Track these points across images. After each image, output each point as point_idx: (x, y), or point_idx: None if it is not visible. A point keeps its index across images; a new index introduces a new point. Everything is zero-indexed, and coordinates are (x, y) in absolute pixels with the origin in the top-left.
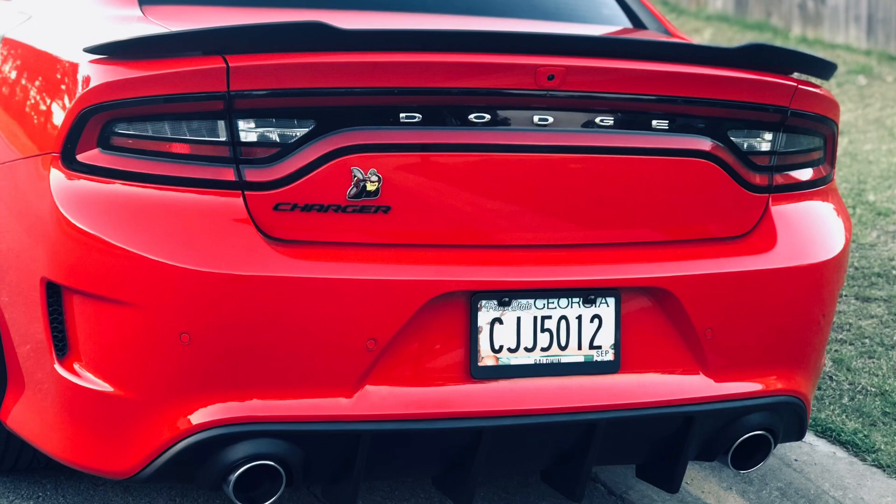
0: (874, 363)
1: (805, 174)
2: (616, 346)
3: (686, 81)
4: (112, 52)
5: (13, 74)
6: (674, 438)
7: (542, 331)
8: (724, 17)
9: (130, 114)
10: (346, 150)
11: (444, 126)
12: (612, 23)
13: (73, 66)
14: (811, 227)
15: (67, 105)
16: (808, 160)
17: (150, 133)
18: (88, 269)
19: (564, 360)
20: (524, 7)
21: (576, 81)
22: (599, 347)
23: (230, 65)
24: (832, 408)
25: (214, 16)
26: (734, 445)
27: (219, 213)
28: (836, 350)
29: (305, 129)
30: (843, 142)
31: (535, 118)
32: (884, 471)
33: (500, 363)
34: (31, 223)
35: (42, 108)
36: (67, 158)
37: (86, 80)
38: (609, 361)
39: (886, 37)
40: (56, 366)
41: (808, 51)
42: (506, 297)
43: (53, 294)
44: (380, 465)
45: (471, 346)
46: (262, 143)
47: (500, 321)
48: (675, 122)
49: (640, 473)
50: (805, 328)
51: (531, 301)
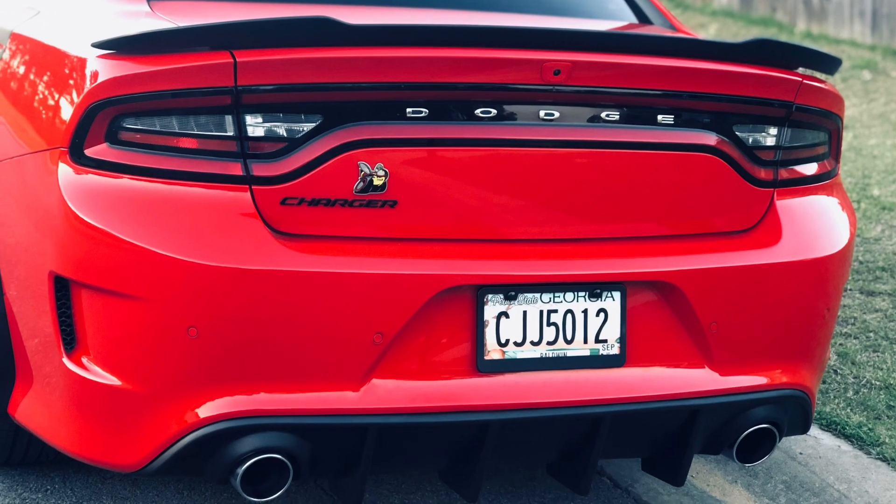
0: (879, 357)
1: (810, 169)
2: (622, 340)
3: (691, 76)
4: (120, 48)
5: (22, 69)
6: (679, 432)
7: (548, 324)
8: (729, 13)
9: (138, 109)
10: (353, 145)
11: (451, 121)
12: (618, 18)
13: (82, 62)
14: (816, 222)
15: (75, 100)
16: (813, 155)
17: (158, 128)
18: (96, 264)
19: (570, 354)
20: (530, 2)
21: (582, 76)
22: (605, 341)
23: (237, 60)
24: (837, 401)
25: (222, 11)
26: (739, 439)
27: (226, 208)
28: (841, 344)
29: (312, 124)
30: (848, 136)
31: (541, 113)
32: (888, 464)
33: (507, 357)
34: (40, 217)
35: (50, 103)
36: (75, 153)
37: (94, 75)
38: (615, 355)
39: (891, 32)
40: (64, 359)
41: (813, 46)
42: (512, 291)
43: (62, 288)
44: (386, 459)
45: (477, 340)
46: (270, 138)
47: (507, 315)
48: (681, 117)
49: (646, 467)
50: (810, 322)
51: (537, 295)
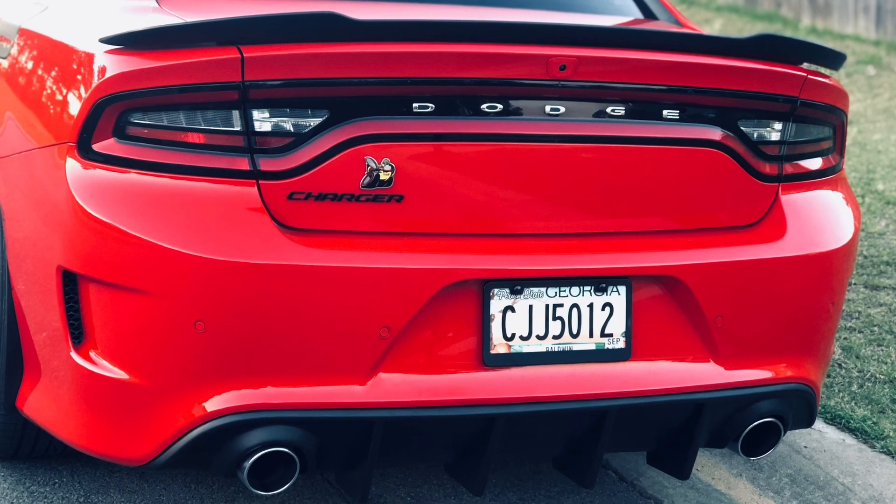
0: (883, 351)
1: (814, 163)
2: (627, 334)
3: (697, 71)
4: (128, 43)
5: (30, 65)
6: (685, 425)
7: (554, 319)
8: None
9: (146, 104)
10: (360, 140)
11: (457, 116)
12: (623, 13)
13: (89, 57)
14: (821, 216)
15: (83, 95)
16: (818, 150)
17: (166, 123)
18: (104, 258)
19: (576, 348)
20: None
21: (587, 71)
22: (611, 335)
23: (245, 55)
24: (841, 395)
25: (229, 6)
26: (744, 432)
27: (233, 202)
28: (846, 338)
29: (319, 119)
30: (853, 131)
31: (547, 108)
32: (892, 457)
33: (513, 351)
34: (48, 212)
35: (58, 98)
36: (83, 148)
37: (101, 71)
38: (620, 349)
39: (895, 27)
40: (72, 353)
41: (818, 41)
42: (518, 286)
43: (69, 282)
44: (393, 452)
45: (483, 334)
46: (277, 133)
47: (513, 309)
48: (686, 112)
49: (651, 460)
50: (814, 316)
51: (543, 289)
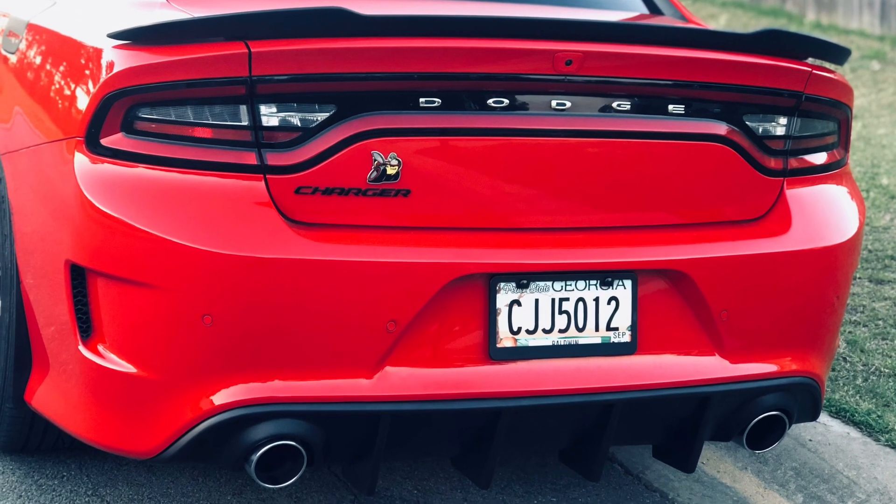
0: (888, 344)
1: (819, 158)
2: (633, 328)
3: (702, 67)
4: (136, 38)
5: (38, 60)
6: (690, 419)
7: (560, 313)
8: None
9: (154, 98)
10: (367, 135)
11: (463, 111)
12: (629, 8)
13: (98, 52)
14: (825, 211)
15: (91, 90)
16: (823, 144)
17: (173, 117)
18: (112, 252)
19: (582, 342)
20: None
21: (593, 67)
22: (616, 329)
23: (252, 50)
24: (846, 388)
25: (236, 2)
26: (749, 426)
27: (241, 197)
28: (850, 332)
29: (326, 114)
30: (857, 126)
31: (553, 103)
32: None
33: (519, 345)
34: (56, 206)
35: (66, 93)
36: (91, 142)
37: (110, 66)
38: (626, 343)
39: None
40: (80, 347)
41: (823, 36)
42: (524, 280)
43: (78, 276)
44: (399, 446)
45: (489, 328)
46: (284, 128)
47: (519, 303)
48: (691, 107)
49: (657, 454)
50: (819, 310)
51: (549, 283)
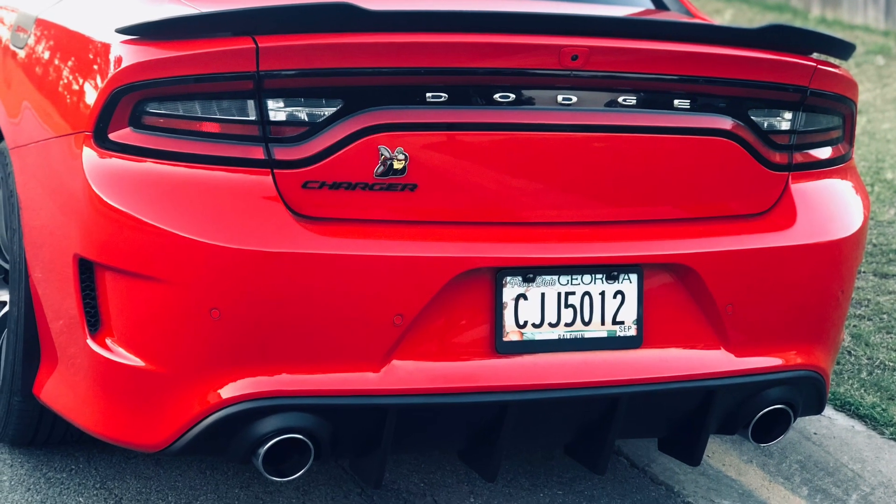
0: (892, 338)
1: (824, 152)
2: (638, 322)
3: (707, 61)
4: (144, 33)
5: (46, 55)
6: (695, 412)
7: (566, 306)
8: None
9: (162, 93)
10: (374, 129)
11: (470, 105)
12: (635, 3)
13: (106, 47)
14: (830, 205)
15: (100, 85)
16: (828, 139)
17: (181, 112)
18: (120, 246)
19: (588, 336)
20: None
21: (599, 62)
22: (622, 323)
23: (259, 45)
24: (851, 382)
25: None
26: (755, 419)
27: (248, 191)
28: (855, 325)
29: (333, 109)
30: (862, 121)
31: (559, 98)
32: None
33: (525, 338)
34: (64, 201)
35: (75, 88)
36: (100, 137)
37: (118, 61)
38: (632, 336)
39: None
40: (88, 341)
41: (828, 31)
42: (530, 274)
43: (86, 270)
44: (406, 439)
45: (496, 322)
46: (291, 122)
47: (525, 297)
48: (697, 102)
49: (663, 447)
50: (824, 304)
51: (555, 277)
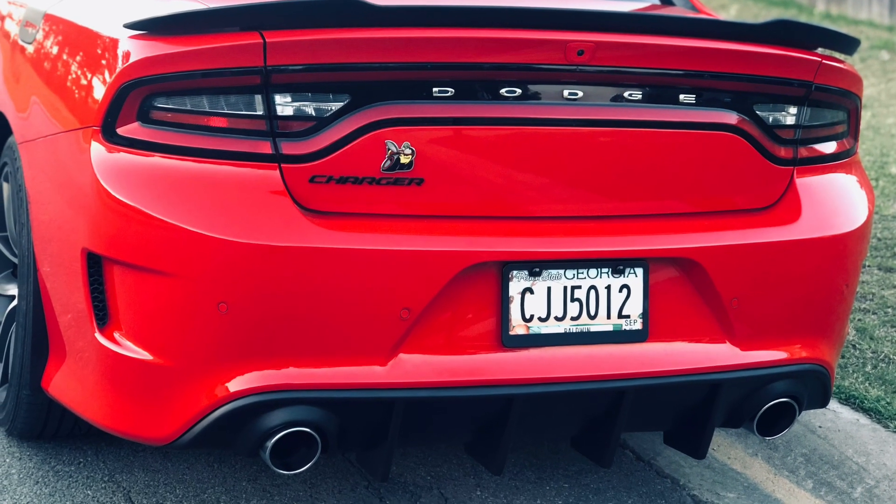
0: None
1: (829, 147)
2: (644, 316)
3: (713, 56)
4: (151, 28)
5: (55, 50)
6: (701, 406)
7: (572, 300)
8: None
9: (169, 88)
10: (381, 124)
11: (476, 100)
12: None
13: (114, 42)
14: (835, 199)
15: (108, 80)
16: (832, 133)
17: (189, 107)
18: (128, 240)
19: (594, 329)
20: None
21: (605, 56)
22: (628, 317)
23: (267, 40)
24: (856, 376)
25: None
26: (760, 412)
27: (256, 186)
28: (860, 319)
29: (340, 103)
30: (866, 116)
31: (565, 92)
32: None
33: (531, 332)
34: (73, 195)
35: (83, 83)
36: (108, 132)
37: (126, 56)
38: (637, 330)
39: None
40: (96, 335)
41: (832, 26)
42: (536, 268)
43: (94, 265)
44: (413, 432)
45: (502, 316)
46: (298, 117)
47: (531, 291)
48: (702, 97)
49: (668, 440)
50: (829, 298)
51: (561, 271)
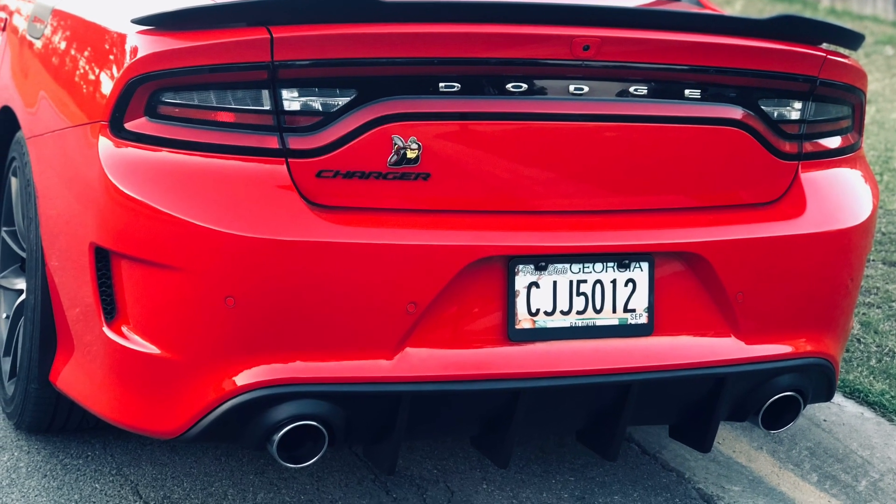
0: None
1: (834, 142)
2: (650, 310)
3: (718, 52)
4: (159, 23)
5: (63, 45)
6: (706, 399)
7: (578, 294)
8: None
9: (177, 83)
10: (387, 119)
11: (483, 95)
12: None
13: (121, 37)
14: (840, 194)
15: (115, 75)
16: (837, 128)
17: (196, 102)
18: (136, 235)
19: (599, 323)
20: None
21: (611, 52)
22: (633, 311)
23: (274, 35)
24: (860, 369)
25: None
26: (765, 406)
27: (263, 180)
28: (864, 313)
29: (347, 98)
30: (871, 111)
31: (571, 87)
32: None
33: (537, 326)
34: (81, 190)
35: (91, 78)
36: (115, 127)
37: (133, 51)
38: (643, 324)
39: None
40: (104, 329)
41: (837, 22)
42: (542, 262)
43: (102, 259)
44: (420, 426)
45: (508, 310)
46: (306, 112)
47: (537, 285)
48: (707, 92)
49: (674, 433)
50: (834, 292)
51: (567, 265)
